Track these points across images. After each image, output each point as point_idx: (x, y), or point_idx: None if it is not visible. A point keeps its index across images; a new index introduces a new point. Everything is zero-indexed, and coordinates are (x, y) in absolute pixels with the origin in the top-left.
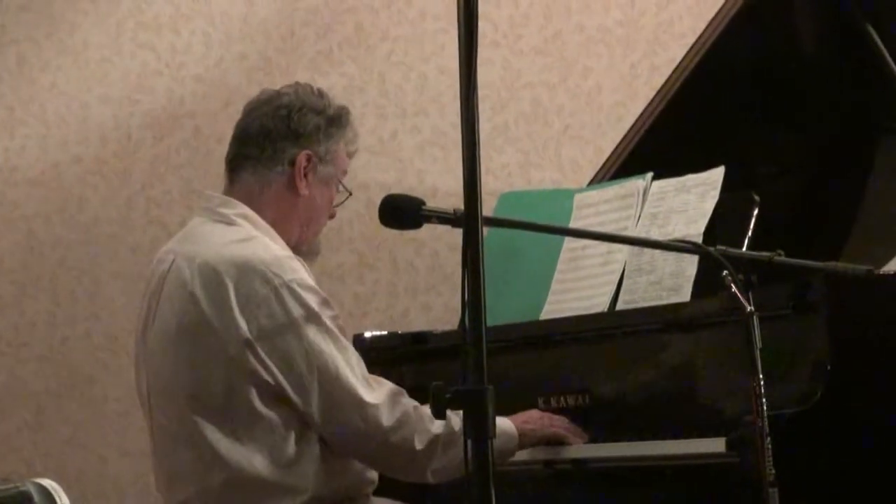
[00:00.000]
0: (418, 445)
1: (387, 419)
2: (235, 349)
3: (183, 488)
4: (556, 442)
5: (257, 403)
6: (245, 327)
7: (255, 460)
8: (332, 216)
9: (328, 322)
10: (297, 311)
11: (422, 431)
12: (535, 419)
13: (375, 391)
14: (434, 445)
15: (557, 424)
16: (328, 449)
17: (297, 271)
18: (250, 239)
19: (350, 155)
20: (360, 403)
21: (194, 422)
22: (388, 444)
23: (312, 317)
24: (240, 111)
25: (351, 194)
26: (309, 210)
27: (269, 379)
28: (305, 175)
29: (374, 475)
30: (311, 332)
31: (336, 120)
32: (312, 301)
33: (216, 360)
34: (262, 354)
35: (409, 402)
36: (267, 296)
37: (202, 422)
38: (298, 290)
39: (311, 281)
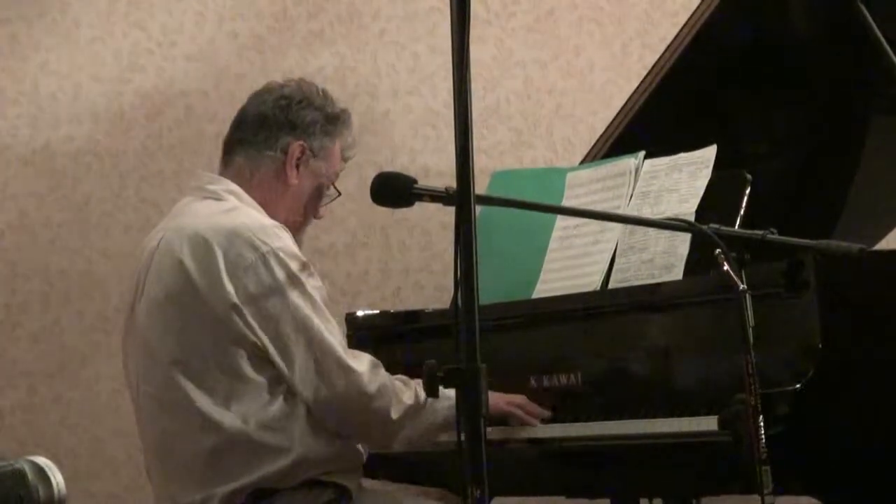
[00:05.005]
0: (394, 415)
1: (369, 388)
2: (223, 313)
3: (172, 458)
4: (516, 420)
5: (245, 366)
6: (233, 292)
7: (242, 423)
8: (317, 216)
9: (311, 291)
10: (283, 278)
11: (398, 402)
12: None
13: (357, 359)
14: (406, 415)
15: (516, 402)
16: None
17: (284, 239)
18: (237, 209)
19: (346, 159)
20: (346, 369)
21: (183, 388)
22: (367, 411)
23: (298, 284)
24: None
25: (340, 194)
26: (295, 201)
27: (256, 342)
28: (297, 166)
29: (362, 448)
30: (297, 299)
31: (334, 118)
32: (297, 269)
33: (204, 324)
34: (249, 318)
35: (385, 374)
36: (254, 262)
37: (190, 387)
38: (284, 257)
39: (296, 249)
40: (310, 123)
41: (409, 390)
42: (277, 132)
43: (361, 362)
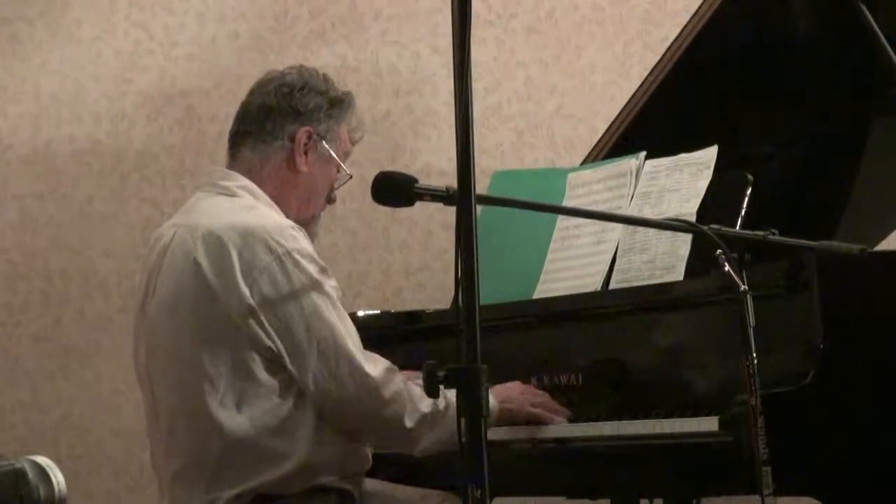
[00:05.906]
0: (408, 423)
1: (383, 393)
2: (238, 316)
3: (179, 459)
4: (535, 422)
5: (258, 370)
6: (248, 294)
7: (249, 427)
8: (331, 201)
9: (329, 291)
10: (298, 280)
11: (412, 411)
12: (515, 396)
13: (373, 364)
14: (423, 424)
15: (538, 402)
16: (323, 419)
17: (299, 240)
18: (253, 208)
19: (354, 142)
20: (361, 373)
21: (194, 390)
22: (380, 417)
23: (314, 286)
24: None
25: (351, 177)
26: (308, 188)
27: (271, 345)
28: (305, 152)
29: (368, 454)
30: (313, 301)
31: (338, 102)
32: (314, 270)
33: (218, 326)
34: (264, 321)
35: (401, 380)
36: (269, 263)
37: (202, 390)
38: (300, 258)
39: (312, 250)
40: (314, 109)
41: (427, 398)
42: (283, 121)
43: (377, 367)
